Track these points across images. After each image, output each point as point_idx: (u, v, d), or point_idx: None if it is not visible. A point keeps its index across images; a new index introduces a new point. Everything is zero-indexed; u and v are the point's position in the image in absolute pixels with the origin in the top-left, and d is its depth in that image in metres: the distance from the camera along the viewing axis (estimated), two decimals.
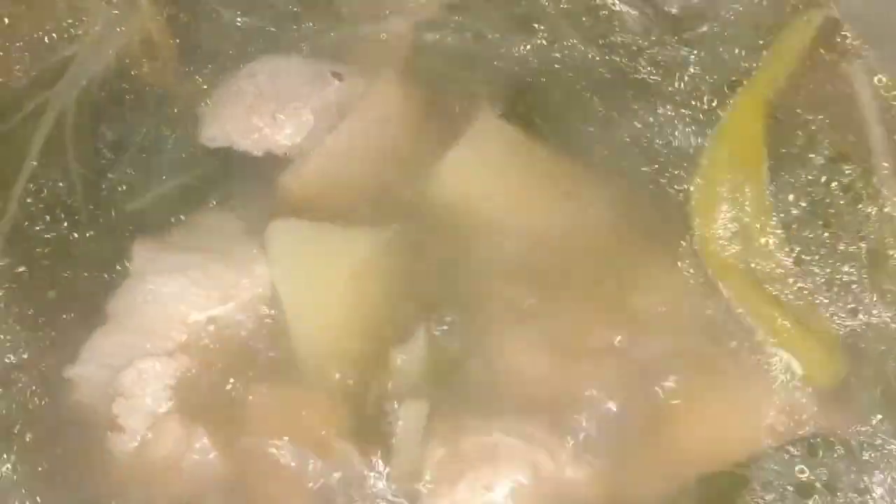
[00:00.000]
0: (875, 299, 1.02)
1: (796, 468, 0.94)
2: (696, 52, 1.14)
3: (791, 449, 0.95)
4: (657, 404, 0.98)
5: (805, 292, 1.03)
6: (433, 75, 1.11)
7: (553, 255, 1.04)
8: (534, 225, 1.05)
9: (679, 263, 1.05)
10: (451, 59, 1.13)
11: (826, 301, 1.03)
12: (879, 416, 0.96)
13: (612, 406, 0.97)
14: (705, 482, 0.95)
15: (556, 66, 1.12)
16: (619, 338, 1.00)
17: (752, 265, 1.04)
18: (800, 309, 1.02)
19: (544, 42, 1.13)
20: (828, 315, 1.02)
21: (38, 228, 1.05)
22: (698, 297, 1.03)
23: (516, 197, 1.06)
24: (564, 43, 1.14)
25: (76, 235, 1.05)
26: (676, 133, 1.10)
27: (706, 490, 0.94)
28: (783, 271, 1.04)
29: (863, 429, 0.96)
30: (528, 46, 1.13)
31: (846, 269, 1.03)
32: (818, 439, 0.95)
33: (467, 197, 1.05)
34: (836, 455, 0.95)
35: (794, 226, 1.05)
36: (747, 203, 1.05)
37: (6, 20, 1.14)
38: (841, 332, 1.01)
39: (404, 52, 1.13)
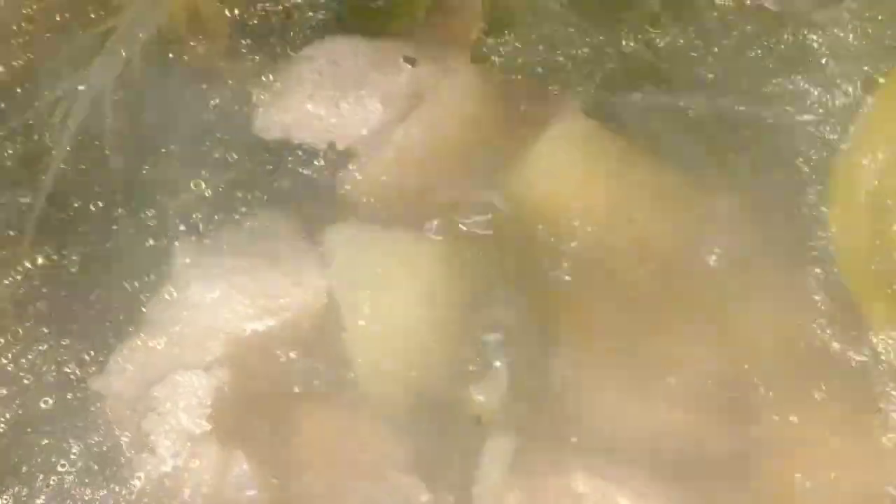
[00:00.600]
0: None
1: None
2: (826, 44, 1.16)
3: None
4: (760, 450, 1.01)
5: None
6: (512, 63, 1.14)
7: (649, 273, 1.09)
8: (627, 237, 1.09)
9: (805, 285, 1.07)
10: (532, 47, 1.15)
11: None
12: None
13: (710, 449, 1.01)
14: None
15: (652, 58, 1.14)
16: (722, 374, 1.04)
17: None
18: None
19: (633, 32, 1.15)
20: None
21: (68, 226, 1.10)
22: (827, 326, 1.05)
23: (607, 205, 1.10)
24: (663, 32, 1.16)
25: (111, 235, 1.10)
26: (802, 139, 1.13)
27: None
28: None
29: None
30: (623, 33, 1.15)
31: None
32: None
33: (552, 202, 1.10)
34: None
35: None
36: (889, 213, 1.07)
37: None
38: None
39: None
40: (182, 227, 1.11)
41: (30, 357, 1.06)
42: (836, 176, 1.10)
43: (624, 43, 1.16)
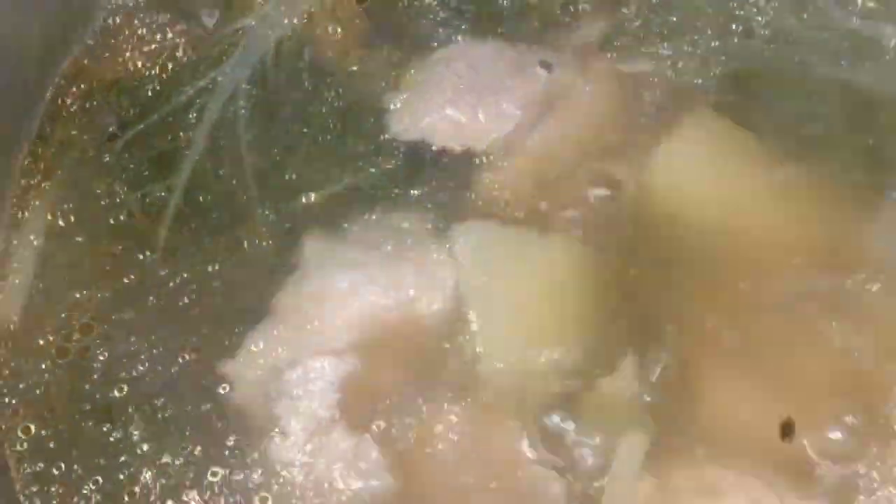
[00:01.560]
0: None
1: None
2: None
3: None
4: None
5: None
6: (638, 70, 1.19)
7: (782, 273, 1.11)
8: (761, 234, 1.12)
9: None
10: (657, 47, 1.20)
11: None
12: None
13: (847, 446, 1.04)
14: None
15: (774, 54, 1.19)
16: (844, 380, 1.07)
17: None
18: None
19: (761, 29, 1.20)
20: None
21: (203, 220, 1.15)
22: None
23: (739, 200, 1.13)
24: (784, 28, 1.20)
25: (245, 228, 1.15)
26: None
27: None
28: None
29: None
30: (743, 31, 1.20)
31: None
32: None
33: (681, 200, 1.14)
34: None
35: None
36: None
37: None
38: None
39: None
40: (314, 222, 1.15)
41: (163, 341, 1.10)
42: None
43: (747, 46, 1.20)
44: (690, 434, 1.05)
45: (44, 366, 1.10)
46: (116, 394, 1.09)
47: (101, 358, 1.11)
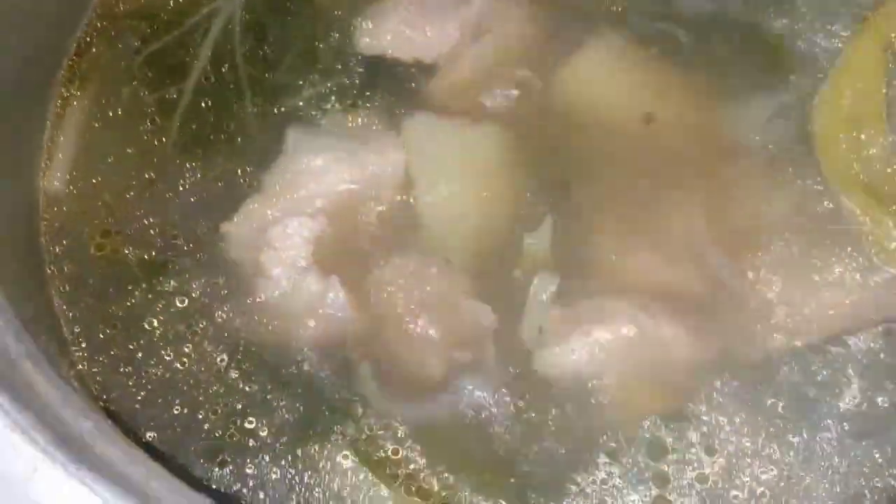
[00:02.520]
0: None
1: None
2: None
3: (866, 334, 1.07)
4: (755, 292, 1.10)
5: None
6: None
7: (662, 155, 1.17)
8: (647, 129, 1.17)
9: (794, 173, 1.16)
10: None
11: None
12: None
13: (716, 289, 1.10)
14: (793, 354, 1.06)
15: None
16: (724, 229, 1.13)
17: (870, 179, 1.15)
18: None
19: None
20: None
21: (208, 115, 1.19)
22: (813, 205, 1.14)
23: (629, 98, 1.18)
24: None
25: (240, 122, 1.19)
26: (804, 54, 1.21)
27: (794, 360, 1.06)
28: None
29: None
30: None
31: None
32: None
33: (586, 96, 1.19)
34: None
35: None
36: (867, 127, 1.16)
37: None
38: None
39: None
40: (295, 117, 1.19)
41: (177, 207, 1.16)
42: (821, 99, 1.19)
43: None
44: (589, 275, 1.11)
45: (84, 227, 1.15)
46: (146, 254, 1.14)
47: (132, 221, 1.15)
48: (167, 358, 1.08)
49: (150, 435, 1.05)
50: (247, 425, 1.06)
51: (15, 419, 0.77)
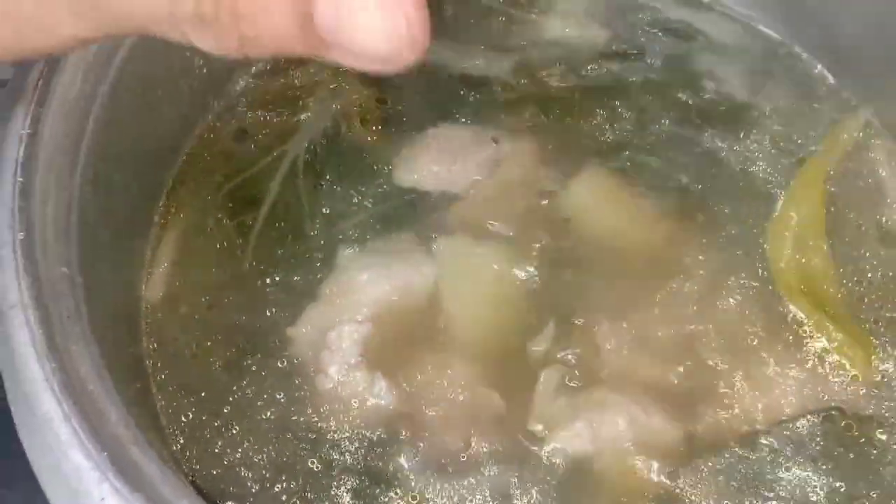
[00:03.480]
0: None
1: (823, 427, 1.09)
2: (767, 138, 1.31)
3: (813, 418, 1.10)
4: (720, 385, 1.14)
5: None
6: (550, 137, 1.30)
7: (647, 270, 1.21)
8: (631, 246, 1.22)
9: (749, 283, 1.20)
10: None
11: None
12: None
13: (691, 382, 1.14)
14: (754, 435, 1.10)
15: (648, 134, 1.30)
16: (696, 332, 1.17)
17: (814, 290, 1.19)
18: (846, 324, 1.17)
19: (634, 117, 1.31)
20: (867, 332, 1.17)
21: (276, 237, 1.23)
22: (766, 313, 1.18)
23: (617, 224, 1.24)
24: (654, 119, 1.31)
25: (303, 244, 1.23)
26: (757, 191, 1.27)
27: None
28: (837, 301, 1.19)
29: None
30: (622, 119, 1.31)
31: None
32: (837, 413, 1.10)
33: (585, 222, 1.23)
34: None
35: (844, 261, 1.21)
36: (812, 246, 1.22)
37: (266, 96, 1.37)
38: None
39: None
40: (347, 239, 1.25)
41: (251, 316, 1.20)
42: (773, 222, 1.24)
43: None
44: (590, 371, 1.14)
45: (178, 330, 1.20)
46: (229, 353, 1.18)
47: (216, 325, 1.19)
48: (245, 442, 1.12)
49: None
50: (309, 496, 1.09)
51: (128, 499, 0.80)
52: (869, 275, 1.21)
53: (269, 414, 1.13)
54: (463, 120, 1.33)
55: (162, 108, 1.23)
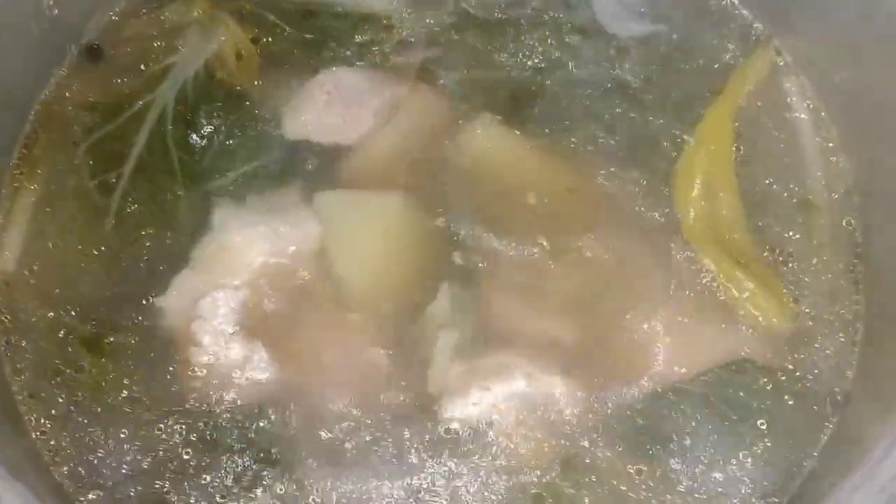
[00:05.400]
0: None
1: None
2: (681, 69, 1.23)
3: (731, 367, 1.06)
4: (627, 340, 1.09)
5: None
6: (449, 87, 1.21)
7: (547, 222, 1.14)
8: (531, 197, 1.15)
9: (662, 233, 1.13)
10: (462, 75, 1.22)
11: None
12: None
13: (593, 337, 1.08)
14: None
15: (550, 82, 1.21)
16: (600, 286, 1.11)
17: (723, 237, 1.13)
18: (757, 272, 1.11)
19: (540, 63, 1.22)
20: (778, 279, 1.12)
21: (143, 197, 1.14)
22: (674, 263, 1.12)
23: (514, 171, 1.16)
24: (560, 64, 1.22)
25: (172, 202, 1.14)
26: (662, 132, 1.19)
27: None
28: (747, 244, 1.13)
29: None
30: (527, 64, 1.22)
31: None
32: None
33: (477, 169, 1.16)
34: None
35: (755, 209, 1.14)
36: (720, 191, 1.15)
37: (126, 32, 1.24)
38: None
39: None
40: (223, 195, 1.15)
41: (116, 283, 1.12)
42: (680, 166, 1.17)
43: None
44: (485, 334, 1.08)
45: (34, 303, 1.10)
46: (91, 327, 1.10)
47: (77, 292, 1.11)
48: (109, 422, 1.04)
49: (89, 496, 1.02)
50: (182, 483, 1.02)
51: None
52: (778, 217, 1.15)
53: (136, 393, 1.06)
54: (348, 61, 1.24)
55: (10, 55, 1.13)
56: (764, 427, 1.04)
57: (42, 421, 1.04)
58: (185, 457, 1.03)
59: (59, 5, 1.16)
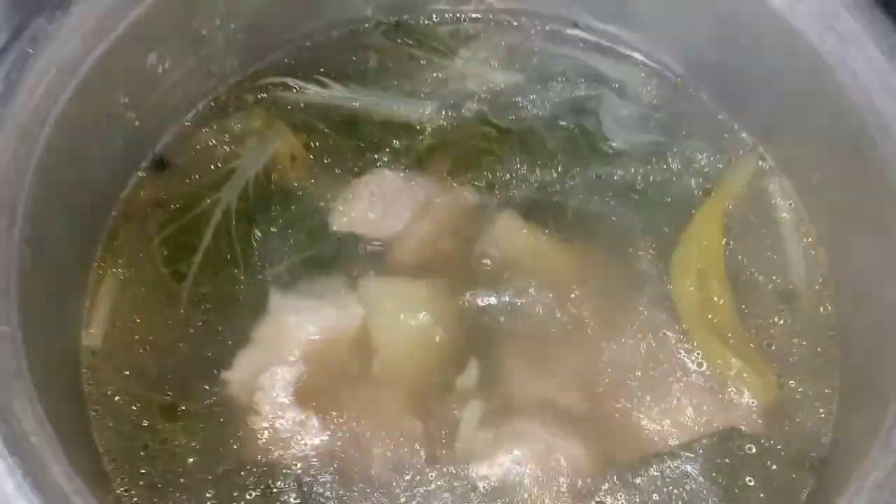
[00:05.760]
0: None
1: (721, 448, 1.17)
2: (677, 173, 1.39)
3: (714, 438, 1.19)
4: (630, 410, 1.22)
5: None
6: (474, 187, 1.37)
7: (559, 307, 1.27)
8: (546, 285, 1.28)
9: (659, 318, 1.27)
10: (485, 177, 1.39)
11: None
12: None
13: (598, 410, 1.21)
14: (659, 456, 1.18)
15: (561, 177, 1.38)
16: (606, 364, 1.25)
17: (714, 321, 1.27)
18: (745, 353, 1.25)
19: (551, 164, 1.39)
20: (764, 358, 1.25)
21: (211, 283, 1.27)
22: (671, 343, 1.26)
23: (532, 264, 1.29)
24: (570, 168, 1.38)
25: (236, 289, 1.28)
26: (661, 230, 1.34)
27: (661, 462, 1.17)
28: (735, 328, 1.27)
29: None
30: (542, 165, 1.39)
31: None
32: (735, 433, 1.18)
33: (501, 261, 1.31)
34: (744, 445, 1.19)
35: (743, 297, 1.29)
36: (712, 280, 1.30)
37: (198, 146, 1.40)
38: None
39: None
40: (278, 284, 1.29)
41: (190, 359, 1.25)
42: (676, 257, 1.31)
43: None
44: (507, 403, 1.21)
45: (117, 375, 1.23)
46: (167, 397, 1.23)
47: (155, 369, 1.23)
48: (183, 480, 1.16)
49: None
50: None
51: None
52: (766, 307, 1.29)
53: (207, 454, 1.18)
54: (387, 163, 1.39)
55: (95, 161, 1.27)
56: (752, 484, 1.15)
57: (124, 479, 1.16)
58: None
59: (140, 118, 1.32)
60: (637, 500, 1.15)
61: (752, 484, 1.16)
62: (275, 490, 1.15)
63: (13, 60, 1.11)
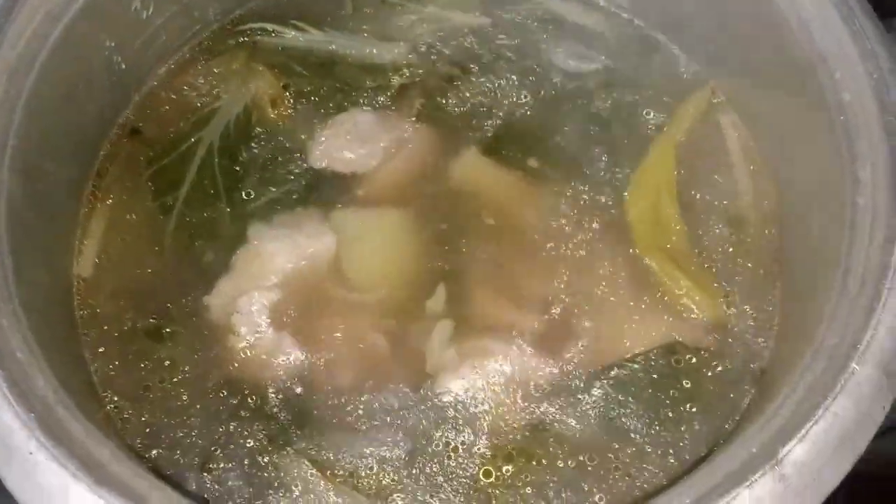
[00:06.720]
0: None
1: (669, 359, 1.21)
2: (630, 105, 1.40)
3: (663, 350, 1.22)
4: (585, 326, 1.24)
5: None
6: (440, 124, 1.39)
7: (519, 234, 1.30)
8: (507, 214, 1.31)
9: (613, 241, 1.29)
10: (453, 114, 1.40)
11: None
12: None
13: (556, 327, 1.24)
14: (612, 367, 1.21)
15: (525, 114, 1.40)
16: (565, 285, 1.27)
17: (666, 244, 1.30)
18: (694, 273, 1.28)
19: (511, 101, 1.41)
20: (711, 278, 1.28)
21: (195, 216, 1.29)
22: (625, 265, 1.29)
23: (495, 198, 1.33)
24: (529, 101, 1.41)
25: (218, 220, 1.30)
26: (616, 160, 1.36)
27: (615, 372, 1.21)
28: (686, 251, 1.30)
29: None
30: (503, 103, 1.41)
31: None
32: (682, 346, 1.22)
33: (467, 191, 1.33)
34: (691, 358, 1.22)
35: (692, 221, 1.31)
36: (665, 207, 1.32)
37: (183, 88, 1.41)
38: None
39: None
40: (257, 216, 1.31)
41: (173, 285, 1.27)
42: (632, 183, 1.33)
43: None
44: (473, 322, 1.23)
45: (106, 301, 1.26)
46: (153, 320, 1.25)
47: (142, 295, 1.26)
48: (168, 395, 1.19)
49: (153, 452, 1.15)
50: (227, 443, 1.16)
51: (52, 453, 0.90)
52: (715, 231, 1.31)
53: (189, 372, 1.22)
54: (364, 105, 1.41)
55: (85, 101, 1.30)
56: (697, 392, 1.19)
57: (112, 396, 1.19)
58: (232, 423, 1.17)
59: (126, 61, 1.34)
60: (588, 407, 1.18)
61: (697, 392, 1.19)
62: (252, 404, 1.19)
63: (0, 6, 1.12)
